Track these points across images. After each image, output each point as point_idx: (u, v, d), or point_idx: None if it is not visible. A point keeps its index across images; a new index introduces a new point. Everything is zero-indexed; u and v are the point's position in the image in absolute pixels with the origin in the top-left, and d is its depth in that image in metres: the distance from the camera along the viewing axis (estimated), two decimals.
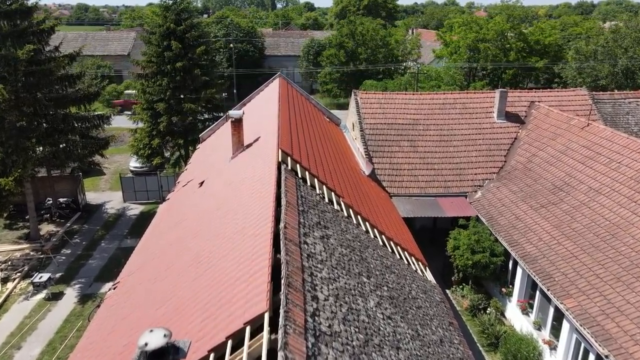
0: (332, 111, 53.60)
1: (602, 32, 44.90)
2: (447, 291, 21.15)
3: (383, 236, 15.29)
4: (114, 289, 13.80)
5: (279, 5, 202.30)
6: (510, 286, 18.99)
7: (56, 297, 20.84)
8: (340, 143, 24.66)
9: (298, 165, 14.48)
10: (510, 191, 21.46)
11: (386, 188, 22.85)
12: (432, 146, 24.34)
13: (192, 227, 13.62)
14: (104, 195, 31.96)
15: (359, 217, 14.95)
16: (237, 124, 17.36)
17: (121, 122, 40.65)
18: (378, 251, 13.55)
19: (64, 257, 24.02)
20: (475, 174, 23.52)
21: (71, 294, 21.11)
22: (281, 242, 9.14)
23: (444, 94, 26.88)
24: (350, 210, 14.81)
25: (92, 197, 31.43)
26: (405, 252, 15.68)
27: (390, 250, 14.73)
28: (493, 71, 52.88)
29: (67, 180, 28.72)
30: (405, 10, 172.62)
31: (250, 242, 9.62)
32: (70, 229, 26.75)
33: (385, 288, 11.52)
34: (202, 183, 18.20)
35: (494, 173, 23.47)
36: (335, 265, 10.34)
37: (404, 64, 57.56)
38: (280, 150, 14.25)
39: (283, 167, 13.23)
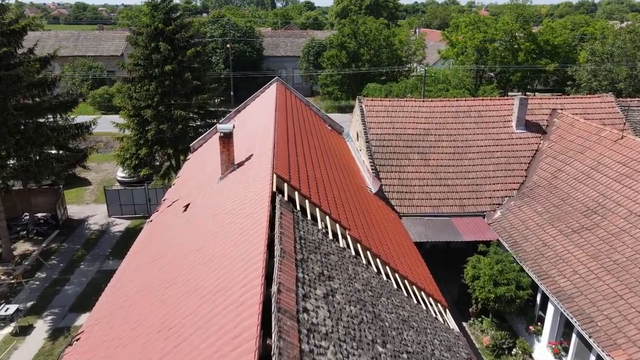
0: (333, 114, 51.55)
1: (619, 32, 42.51)
2: (464, 324, 18.86)
3: (397, 274, 12.99)
4: (77, 340, 11.50)
5: (278, 4, 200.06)
6: (539, 324, 16.66)
7: (25, 331, 18.51)
8: (344, 156, 22.34)
9: (296, 193, 12.19)
10: (534, 211, 19.13)
11: (395, 207, 20.53)
12: (445, 159, 22.03)
13: (167, 269, 11.30)
14: (88, 208, 29.62)
15: (368, 253, 12.63)
16: (227, 140, 15.03)
17: (112, 127, 38.29)
18: (392, 299, 11.22)
19: (37, 283, 21.69)
20: (494, 191, 21.21)
21: (42, 328, 18.78)
22: (272, 318, 6.83)
23: (457, 100, 24.54)
24: (359, 246, 12.50)
25: (74, 210, 29.10)
26: (422, 293, 13.37)
27: (405, 292, 12.42)
28: (501, 73, 50.59)
29: (46, 193, 26.39)
30: (405, 10, 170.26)
31: (233, 313, 7.30)
32: (47, 248, 24.41)
33: (405, 356, 9.20)
34: (187, 206, 15.89)
35: (514, 189, 21.15)
36: (344, 336, 8.02)
37: (408, 65, 55.20)
38: (275, 176, 11.94)
39: (278, 198, 10.91)
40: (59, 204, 26.61)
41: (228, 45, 56.01)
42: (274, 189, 11.18)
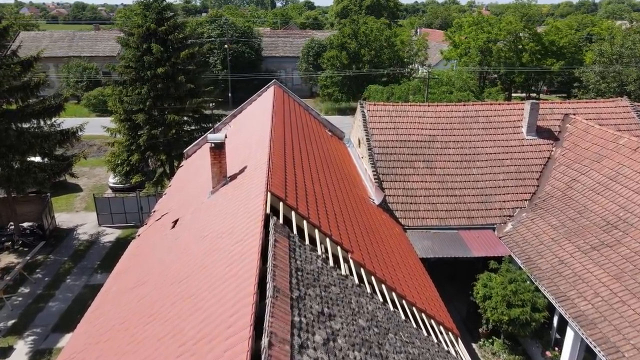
0: (333, 117, 50.29)
1: (628, 32, 41.27)
2: (474, 345, 17.65)
3: (404, 301, 11.78)
4: None
5: (278, 4, 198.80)
6: (556, 349, 15.44)
7: (4, 353, 17.30)
8: (345, 164, 21.11)
9: (293, 213, 10.97)
10: (548, 225, 17.91)
11: (399, 219, 19.31)
12: (452, 167, 20.80)
13: (147, 301, 10.07)
14: (78, 216, 28.38)
15: (373, 279, 11.42)
16: (218, 151, 13.80)
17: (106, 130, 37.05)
18: (401, 334, 10.00)
19: (20, 299, 20.46)
20: (504, 202, 19.99)
21: (22, 349, 17.55)
22: None
23: (464, 105, 23.32)
24: (362, 271, 11.28)
25: (63, 219, 27.87)
26: (432, 321, 12.15)
27: (414, 322, 11.20)
28: (505, 74, 49.37)
29: (32, 201, 25.13)
30: (406, 10, 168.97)
31: None
32: (32, 260, 23.17)
33: None
34: (175, 222, 14.67)
35: (526, 200, 19.93)
36: None
37: (410, 66, 53.97)
38: (269, 194, 10.72)
39: (272, 221, 9.69)
40: (46, 212, 25.38)
41: (226, 46, 54.75)
42: (268, 211, 9.96)
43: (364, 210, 16.56)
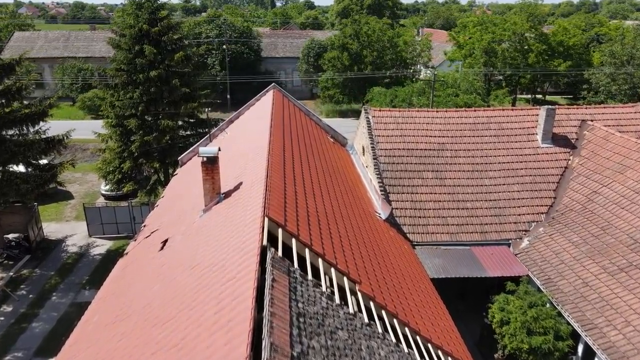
0: (334, 119, 48.91)
1: (639, 33, 39.95)
2: None
3: (418, 337, 10.47)
4: None
5: (278, 4, 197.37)
6: None
7: None
8: (349, 174, 19.80)
9: (294, 240, 9.66)
10: (568, 242, 16.60)
11: (407, 235, 18.01)
12: (463, 178, 19.51)
13: (127, 342, 8.77)
14: (68, 226, 27.05)
15: (384, 313, 10.12)
16: (211, 166, 12.50)
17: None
18: None
19: (2, 319, 19.16)
20: (519, 215, 18.70)
21: None
22: None
23: (475, 110, 22.01)
24: (372, 305, 9.97)
25: (52, 229, 26.55)
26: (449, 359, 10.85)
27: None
28: (510, 75, 48.07)
29: (17, 212, 23.79)
30: (406, 9, 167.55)
31: None
32: (17, 275, 21.87)
33: None
34: (165, 242, 13.37)
35: (543, 213, 18.64)
36: None
37: (413, 67, 52.62)
38: (267, 220, 9.42)
39: (270, 254, 8.40)
40: (33, 223, 24.06)
41: (224, 46, 53.39)
42: (265, 242, 8.66)
43: (371, 228, 15.26)
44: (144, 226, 17.74)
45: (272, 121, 17.36)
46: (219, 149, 12.81)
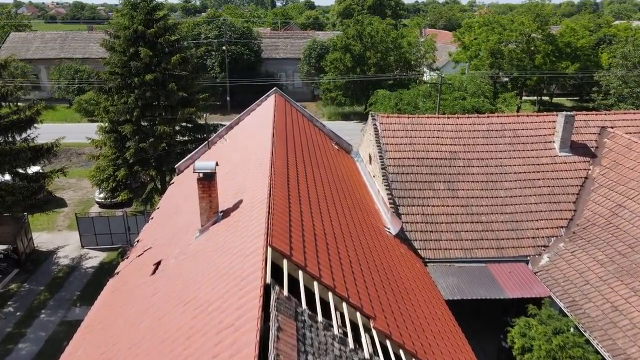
0: (336, 122, 47.77)
1: None
2: None
3: None
4: None
5: (278, 4, 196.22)
6: None
7: None
8: (355, 184, 18.65)
9: (300, 272, 8.50)
10: (593, 260, 15.44)
11: (418, 251, 16.85)
12: (477, 189, 18.34)
13: None
14: (60, 236, 25.90)
15: (401, 352, 8.97)
16: (208, 182, 11.35)
17: (96, 137, 34.46)
18: None
19: None
20: (537, 229, 17.52)
21: None
22: None
23: (488, 116, 20.85)
24: (389, 345, 8.82)
25: (43, 239, 25.40)
26: None
27: None
28: (515, 77, 46.91)
29: (5, 223, 22.61)
30: (407, 9, 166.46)
31: None
32: (5, 290, 20.73)
33: None
34: (157, 265, 12.23)
35: (562, 227, 17.46)
36: None
37: (417, 69, 51.45)
38: (270, 250, 8.28)
39: (274, 294, 7.25)
40: (22, 234, 22.91)
41: (224, 47, 52.22)
42: (268, 280, 7.50)
43: (381, 247, 14.10)
44: (137, 241, 16.60)
45: (274, 130, 16.23)
46: (217, 164, 11.66)
